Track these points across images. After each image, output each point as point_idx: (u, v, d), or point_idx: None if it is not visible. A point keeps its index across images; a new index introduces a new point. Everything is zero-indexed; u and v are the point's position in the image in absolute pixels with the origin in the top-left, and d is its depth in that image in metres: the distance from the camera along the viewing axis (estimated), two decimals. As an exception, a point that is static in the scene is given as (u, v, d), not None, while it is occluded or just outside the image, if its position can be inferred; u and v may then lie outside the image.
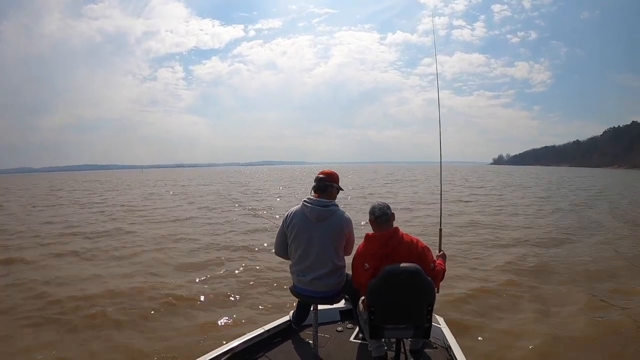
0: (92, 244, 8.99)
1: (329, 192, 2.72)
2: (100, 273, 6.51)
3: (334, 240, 2.64)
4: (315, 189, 2.72)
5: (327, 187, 2.71)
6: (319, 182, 2.72)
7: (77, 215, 14.62)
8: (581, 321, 4.40)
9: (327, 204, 2.65)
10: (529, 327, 4.28)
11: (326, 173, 2.77)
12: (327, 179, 2.73)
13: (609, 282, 5.85)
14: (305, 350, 2.84)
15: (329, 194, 2.71)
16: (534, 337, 4.01)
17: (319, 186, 2.71)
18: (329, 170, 2.80)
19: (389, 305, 2.25)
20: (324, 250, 2.62)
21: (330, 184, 2.72)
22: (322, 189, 2.71)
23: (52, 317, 4.68)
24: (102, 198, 23.24)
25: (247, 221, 12.10)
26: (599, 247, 8.12)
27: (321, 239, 2.61)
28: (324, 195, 2.69)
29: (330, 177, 2.74)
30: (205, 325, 4.48)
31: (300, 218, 2.66)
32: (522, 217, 12.93)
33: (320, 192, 2.71)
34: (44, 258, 7.68)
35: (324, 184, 2.71)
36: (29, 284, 5.93)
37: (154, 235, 9.98)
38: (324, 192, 2.71)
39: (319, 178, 2.73)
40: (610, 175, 57.66)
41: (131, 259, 7.55)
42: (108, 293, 5.46)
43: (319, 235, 2.61)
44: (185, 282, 6.06)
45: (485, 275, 6.20)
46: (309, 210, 2.62)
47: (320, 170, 2.81)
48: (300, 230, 2.64)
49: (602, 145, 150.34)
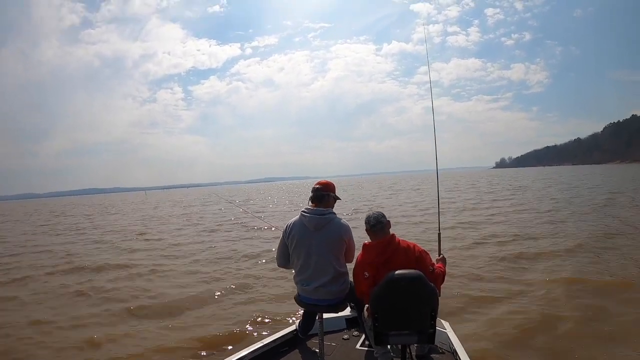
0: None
1: (326, 201, 2.78)
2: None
3: (333, 248, 2.68)
4: (313, 199, 2.79)
5: (323, 197, 2.77)
6: (315, 192, 2.79)
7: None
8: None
9: (324, 212, 2.69)
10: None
11: (322, 183, 2.84)
12: (323, 188, 2.80)
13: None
14: (312, 359, 2.84)
15: (325, 203, 2.77)
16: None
17: (315, 196, 2.78)
18: (325, 181, 2.88)
19: (392, 312, 2.25)
20: (324, 257, 2.65)
21: (327, 193, 2.79)
22: (319, 198, 2.77)
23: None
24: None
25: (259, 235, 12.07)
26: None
27: (319, 247, 2.65)
28: (321, 205, 2.75)
29: (326, 186, 2.81)
30: (210, 335, 4.49)
31: (299, 228, 2.71)
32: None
33: (317, 201, 2.77)
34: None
35: (320, 193, 2.78)
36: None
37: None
38: (321, 201, 2.77)
39: (315, 188, 2.81)
40: (624, 170, 54.97)
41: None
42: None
43: (317, 243, 2.65)
44: (189, 287, 6.20)
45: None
46: (307, 220, 2.67)
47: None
48: (300, 239, 2.68)
49: (602, 142, 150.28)
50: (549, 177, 46.50)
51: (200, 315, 5.23)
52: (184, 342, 4.32)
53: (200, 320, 5.04)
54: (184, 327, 4.78)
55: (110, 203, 58.21)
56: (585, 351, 3.65)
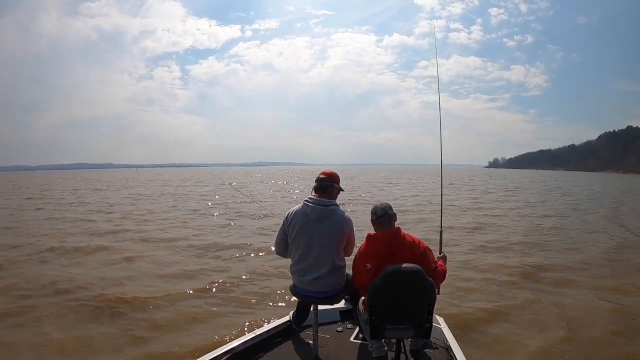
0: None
1: (330, 192, 2.73)
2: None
3: (335, 240, 2.66)
4: (316, 189, 2.74)
5: (327, 187, 2.73)
6: (320, 182, 2.74)
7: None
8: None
9: (328, 204, 2.66)
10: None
11: (327, 173, 2.80)
12: (327, 179, 2.75)
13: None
14: (305, 351, 2.83)
15: (329, 194, 2.73)
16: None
17: (320, 186, 2.73)
18: (330, 171, 2.83)
19: (390, 306, 2.25)
20: (324, 249, 2.63)
21: (331, 184, 2.74)
22: (323, 189, 2.72)
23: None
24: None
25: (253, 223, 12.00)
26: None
27: (321, 238, 2.62)
28: (324, 195, 2.71)
29: (331, 177, 2.76)
30: (204, 326, 4.45)
31: (301, 217, 2.67)
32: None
33: (321, 192, 2.72)
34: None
35: (325, 184, 2.73)
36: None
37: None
38: (325, 192, 2.72)
39: (320, 178, 2.76)
40: (620, 179, 55.48)
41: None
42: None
43: (319, 234, 2.62)
44: (185, 281, 6.02)
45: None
46: (310, 210, 2.63)
47: (321, 171, 2.84)
48: (301, 229, 2.65)
49: (597, 150, 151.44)
50: (545, 181, 46.50)
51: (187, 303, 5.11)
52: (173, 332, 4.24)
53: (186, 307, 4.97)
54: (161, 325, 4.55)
55: (97, 179, 57.26)
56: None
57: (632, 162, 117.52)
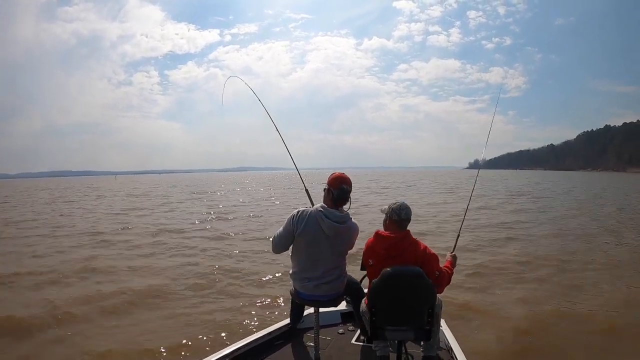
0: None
1: (345, 202, 2.50)
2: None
3: (344, 251, 2.59)
4: (335, 200, 2.46)
5: (347, 199, 2.47)
6: (342, 192, 2.44)
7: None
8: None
9: (344, 220, 2.45)
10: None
11: (349, 182, 2.47)
12: (350, 189, 2.47)
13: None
14: (307, 353, 2.79)
15: (343, 204, 2.50)
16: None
17: (340, 197, 2.44)
18: (348, 177, 2.50)
19: (390, 307, 2.24)
20: (335, 261, 2.54)
21: (350, 195, 2.50)
22: (345, 201, 2.47)
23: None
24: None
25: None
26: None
27: (332, 252, 2.50)
28: (340, 207, 2.49)
29: (351, 184, 2.49)
30: (204, 328, 4.40)
31: (313, 227, 2.43)
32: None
33: (342, 204, 2.46)
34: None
35: (348, 196, 2.46)
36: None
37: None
38: (344, 203, 2.47)
39: (342, 188, 2.44)
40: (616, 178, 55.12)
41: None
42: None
43: (331, 250, 2.49)
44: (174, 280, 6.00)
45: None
46: (327, 226, 2.41)
47: (331, 174, 2.54)
48: (313, 240, 2.45)
49: (576, 149, 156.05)
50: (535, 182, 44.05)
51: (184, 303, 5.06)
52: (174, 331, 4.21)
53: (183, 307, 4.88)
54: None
55: (74, 187, 54.56)
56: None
57: (611, 161, 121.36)
